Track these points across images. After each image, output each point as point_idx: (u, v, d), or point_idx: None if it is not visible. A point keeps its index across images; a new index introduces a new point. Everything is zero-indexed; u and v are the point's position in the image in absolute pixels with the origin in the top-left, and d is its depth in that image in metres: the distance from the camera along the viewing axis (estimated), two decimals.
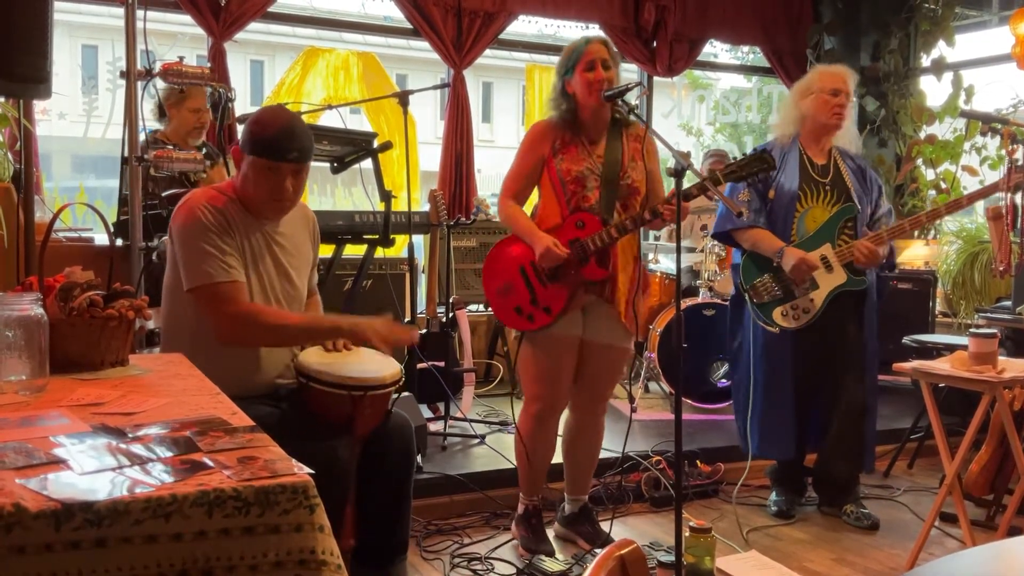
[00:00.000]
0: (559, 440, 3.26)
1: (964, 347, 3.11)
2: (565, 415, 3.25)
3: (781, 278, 3.50)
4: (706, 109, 9.47)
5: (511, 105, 16.08)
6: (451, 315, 4.43)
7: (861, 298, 3.55)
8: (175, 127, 4.04)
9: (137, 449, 1.33)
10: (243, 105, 11.34)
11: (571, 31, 6.35)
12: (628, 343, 3.15)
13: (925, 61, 6.77)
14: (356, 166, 4.03)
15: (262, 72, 14.68)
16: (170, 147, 3.71)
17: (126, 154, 3.48)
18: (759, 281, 3.52)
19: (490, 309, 3.17)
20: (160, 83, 3.70)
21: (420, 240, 5.19)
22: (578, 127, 3.03)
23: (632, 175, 3.05)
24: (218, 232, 2.39)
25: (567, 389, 3.13)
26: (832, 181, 3.53)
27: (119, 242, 3.62)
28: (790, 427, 3.59)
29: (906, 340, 4.65)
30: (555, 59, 3.14)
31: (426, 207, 4.40)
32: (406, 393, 2.83)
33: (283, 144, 2.40)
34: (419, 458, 3.59)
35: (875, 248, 3.41)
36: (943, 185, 6.51)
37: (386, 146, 4.02)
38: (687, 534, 2.73)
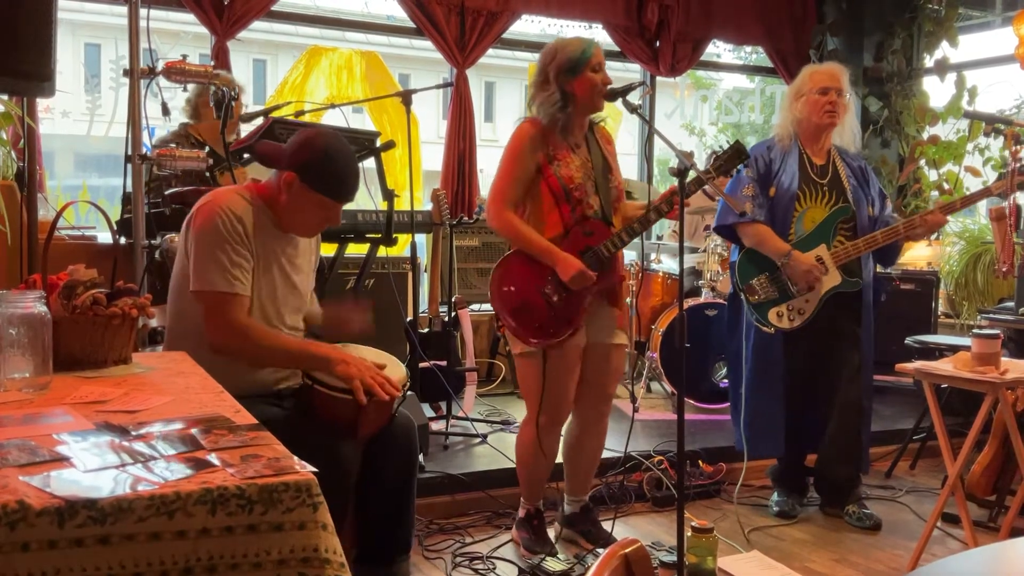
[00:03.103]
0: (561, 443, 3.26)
1: (967, 348, 3.11)
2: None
3: (778, 278, 3.49)
4: (709, 109, 9.45)
5: (514, 105, 16.08)
6: (453, 314, 4.43)
7: (857, 298, 3.55)
8: (211, 125, 4.03)
9: (140, 447, 1.33)
10: (245, 104, 11.30)
11: (574, 31, 6.35)
12: (626, 339, 3.16)
13: (928, 62, 6.76)
14: (359, 165, 4.03)
15: (265, 71, 14.68)
16: (174, 145, 3.72)
17: (130, 152, 3.48)
18: (756, 281, 3.52)
19: (503, 330, 3.10)
20: (163, 82, 3.69)
21: (422, 239, 5.19)
22: (568, 130, 2.98)
23: (616, 177, 3.05)
24: (232, 241, 2.38)
25: (572, 399, 3.11)
26: (830, 182, 3.53)
27: (122, 240, 3.63)
28: (779, 425, 3.58)
29: (909, 341, 4.65)
30: None
31: (429, 206, 4.40)
32: (409, 392, 2.83)
33: (349, 187, 2.48)
34: (421, 457, 3.58)
35: (943, 218, 3.47)
36: (946, 186, 6.50)
37: (389, 145, 4.01)
38: (689, 534, 2.73)
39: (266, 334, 2.42)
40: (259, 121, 3.78)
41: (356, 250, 4.31)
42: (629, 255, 5.58)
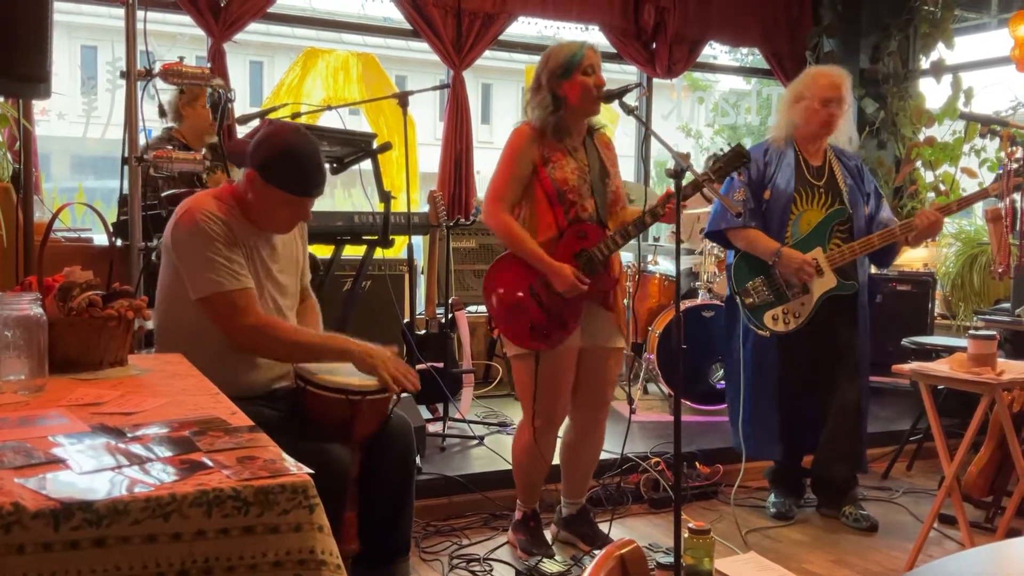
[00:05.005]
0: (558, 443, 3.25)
1: (963, 349, 3.11)
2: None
3: (773, 281, 3.50)
4: (705, 111, 9.47)
5: (510, 107, 16.09)
6: (450, 316, 4.43)
7: (852, 300, 3.55)
8: (192, 125, 4.06)
9: (136, 449, 1.33)
10: (242, 106, 11.33)
11: (570, 33, 6.35)
12: (623, 343, 3.15)
13: (924, 63, 6.77)
14: (355, 167, 4.03)
15: (261, 73, 14.66)
16: (170, 147, 3.72)
17: (126, 154, 3.48)
18: (751, 284, 3.52)
19: (496, 332, 3.10)
20: (161, 85, 3.68)
21: (419, 241, 5.19)
22: (562, 133, 2.97)
23: (615, 182, 3.05)
24: (223, 241, 2.38)
25: (567, 401, 3.10)
26: (826, 183, 3.53)
27: (118, 242, 3.62)
28: (775, 429, 3.59)
29: (905, 342, 4.65)
30: None
31: (425, 208, 4.40)
32: (405, 394, 2.82)
33: (311, 181, 2.43)
34: (418, 459, 3.58)
35: (940, 217, 3.44)
36: (942, 187, 6.51)
37: (385, 147, 4.01)
38: (686, 535, 2.73)
39: (288, 329, 2.43)
40: (256, 123, 3.78)
41: (353, 252, 4.30)
42: (626, 256, 5.59)
